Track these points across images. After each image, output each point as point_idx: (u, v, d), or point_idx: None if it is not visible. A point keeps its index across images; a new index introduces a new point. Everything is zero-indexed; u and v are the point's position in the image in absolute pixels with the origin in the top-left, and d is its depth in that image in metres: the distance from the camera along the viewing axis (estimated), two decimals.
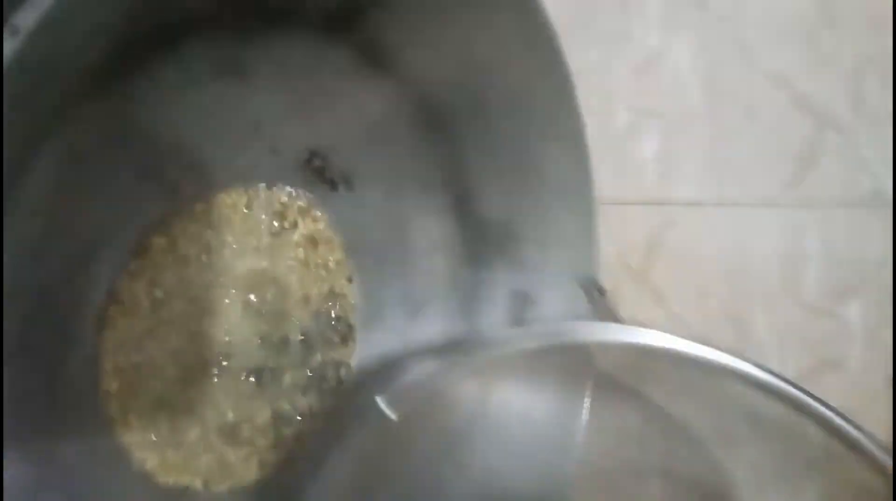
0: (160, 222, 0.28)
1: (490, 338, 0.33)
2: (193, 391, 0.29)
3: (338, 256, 0.34)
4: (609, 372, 0.31)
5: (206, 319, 0.30)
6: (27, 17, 0.14)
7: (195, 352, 0.29)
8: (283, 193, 0.32)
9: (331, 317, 0.34)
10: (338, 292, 0.34)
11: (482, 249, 0.36)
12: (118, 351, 0.27)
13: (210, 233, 0.30)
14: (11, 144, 0.17)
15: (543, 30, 0.30)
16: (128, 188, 0.27)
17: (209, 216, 0.30)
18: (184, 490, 0.29)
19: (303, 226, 0.33)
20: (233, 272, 0.31)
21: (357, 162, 0.33)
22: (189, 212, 0.29)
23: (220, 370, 0.30)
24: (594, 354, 0.31)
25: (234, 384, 0.31)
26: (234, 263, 0.31)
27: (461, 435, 0.32)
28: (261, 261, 0.32)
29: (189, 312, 0.29)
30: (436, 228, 0.35)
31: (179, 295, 0.29)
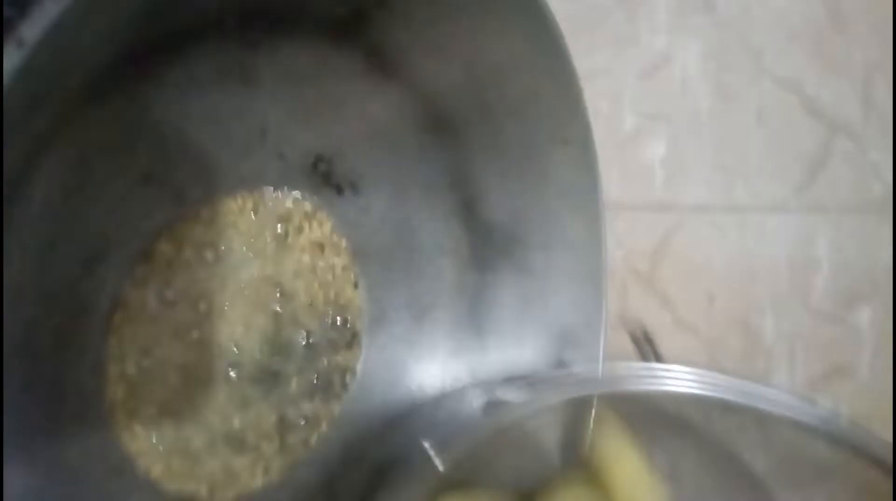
0: (166, 227, 0.28)
1: (540, 380, 0.31)
2: (199, 397, 0.29)
3: (344, 260, 0.34)
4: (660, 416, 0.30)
5: (212, 325, 0.30)
6: (33, 29, 0.14)
7: (201, 358, 0.29)
8: (289, 197, 0.32)
9: (336, 322, 0.34)
10: (344, 297, 0.34)
11: (489, 253, 0.35)
12: (123, 358, 0.27)
13: (216, 238, 0.30)
14: (15, 152, 0.17)
15: (551, 33, 0.29)
16: (133, 194, 0.27)
17: (215, 221, 0.30)
18: (189, 497, 0.29)
19: (309, 231, 0.33)
20: (239, 278, 0.31)
21: (363, 166, 0.33)
22: (195, 217, 0.29)
23: (226, 377, 0.30)
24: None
25: (240, 390, 0.30)
26: (240, 268, 0.31)
27: None
28: (266, 266, 0.32)
29: (194, 318, 0.29)
30: (442, 232, 0.35)
31: (185, 301, 0.29)
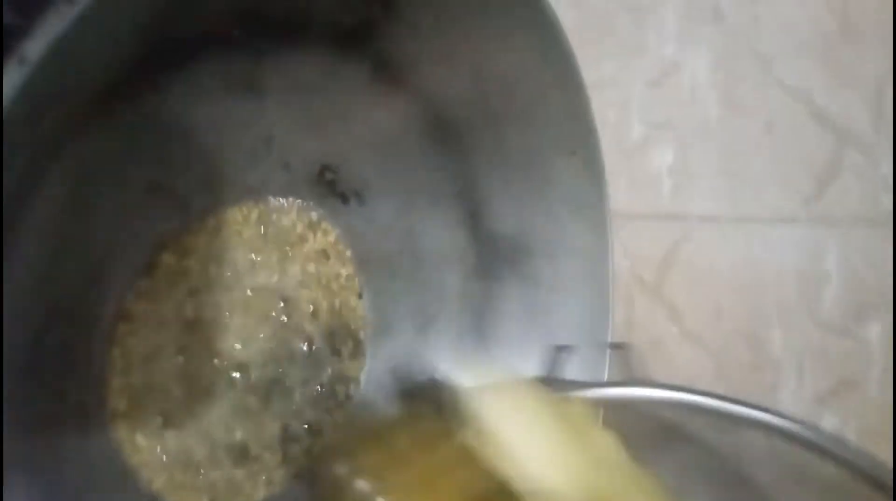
0: (170, 238, 0.28)
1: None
2: (202, 409, 0.29)
3: (348, 270, 0.34)
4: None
5: (215, 335, 0.30)
6: (36, 47, 0.13)
7: (204, 369, 0.29)
8: (294, 207, 0.32)
9: (340, 332, 0.33)
10: (348, 307, 0.34)
11: (494, 262, 0.35)
12: (126, 370, 0.27)
13: (220, 248, 0.30)
14: (17, 167, 0.16)
15: (558, 43, 0.29)
16: (137, 205, 0.26)
17: (219, 232, 0.30)
18: None
19: (313, 240, 0.33)
20: (242, 287, 0.31)
21: (369, 176, 0.33)
22: (199, 227, 0.29)
23: (229, 388, 0.30)
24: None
25: (243, 400, 0.30)
26: (245, 278, 0.31)
27: None
28: (271, 276, 0.31)
29: (198, 328, 0.29)
30: (447, 241, 0.35)
31: (188, 312, 0.29)
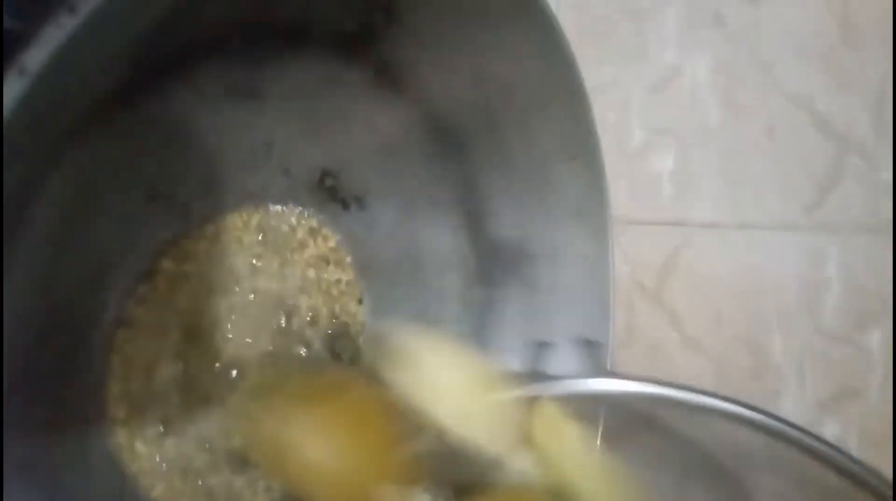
0: (170, 244, 0.28)
1: None
2: (201, 415, 0.29)
3: (348, 275, 0.34)
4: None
5: (215, 341, 0.29)
6: (36, 57, 0.13)
7: (203, 376, 0.29)
8: (295, 213, 0.32)
9: (340, 337, 0.33)
10: (348, 312, 0.34)
11: (494, 268, 0.35)
12: (125, 376, 0.27)
13: (220, 254, 0.30)
14: (16, 176, 0.16)
15: (559, 48, 0.29)
16: (137, 212, 0.26)
17: (219, 238, 0.30)
18: None
19: (314, 246, 0.32)
20: (243, 293, 0.30)
21: (369, 181, 0.33)
22: (199, 234, 0.29)
23: (229, 394, 0.30)
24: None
25: (243, 407, 0.30)
26: (245, 284, 0.31)
27: None
28: (271, 282, 0.31)
29: (198, 335, 0.29)
30: (448, 247, 0.35)
31: (188, 318, 0.29)
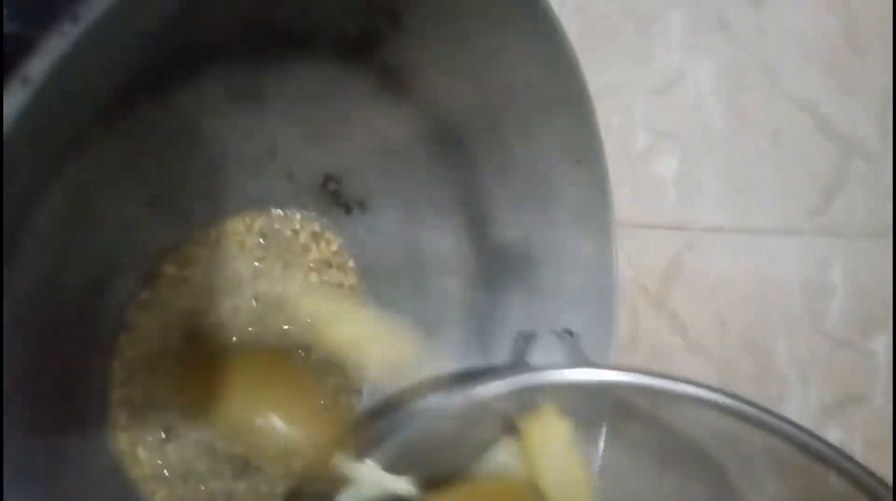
0: (172, 249, 0.28)
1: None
2: (203, 421, 0.29)
3: (351, 279, 0.33)
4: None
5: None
6: (39, 67, 0.13)
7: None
8: (297, 217, 0.32)
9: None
10: None
11: (497, 272, 0.35)
12: (127, 382, 0.27)
13: (223, 259, 0.30)
14: (18, 184, 0.16)
15: (563, 52, 0.29)
16: (139, 217, 0.26)
17: (221, 242, 0.29)
18: None
19: (316, 250, 0.32)
20: (245, 298, 0.30)
21: (372, 185, 0.33)
22: (202, 238, 0.29)
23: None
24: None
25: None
26: (247, 288, 0.30)
27: None
28: (274, 286, 0.31)
29: (200, 340, 0.29)
30: (451, 251, 0.35)
31: (190, 323, 0.29)
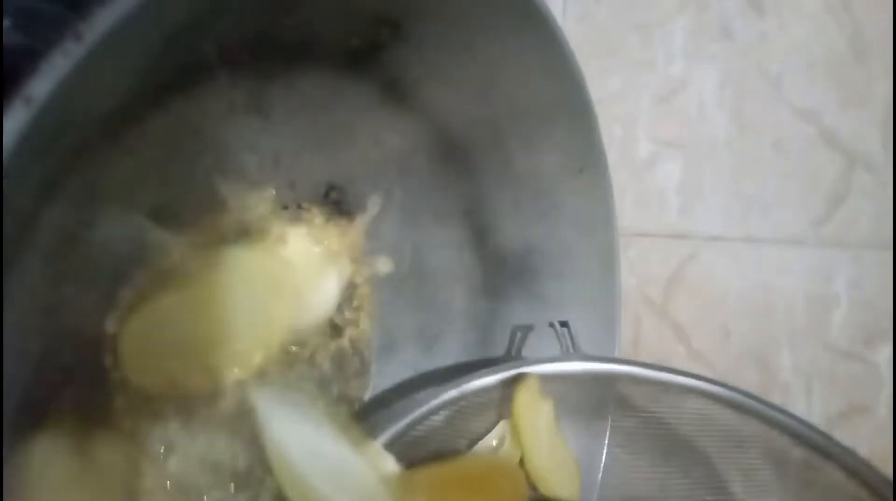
0: (175, 260, 0.28)
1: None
2: (205, 432, 0.29)
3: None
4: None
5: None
6: (41, 87, 0.13)
7: (207, 391, 0.29)
8: (300, 225, 0.32)
9: (346, 350, 0.33)
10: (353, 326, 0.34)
11: (501, 281, 0.35)
12: (129, 392, 0.27)
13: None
14: (19, 201, 0.16)
15: (565, 62, 0.29)
16: (140, 228, 0.26)
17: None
18: None
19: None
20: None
21: (375, 195, 0.33)
22: (204, 249, 0.29)
23: (234, 410, 0.30)
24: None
25: (248, 422, 0.30)
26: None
27: None
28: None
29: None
30: (454, 260, 0.35)
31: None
